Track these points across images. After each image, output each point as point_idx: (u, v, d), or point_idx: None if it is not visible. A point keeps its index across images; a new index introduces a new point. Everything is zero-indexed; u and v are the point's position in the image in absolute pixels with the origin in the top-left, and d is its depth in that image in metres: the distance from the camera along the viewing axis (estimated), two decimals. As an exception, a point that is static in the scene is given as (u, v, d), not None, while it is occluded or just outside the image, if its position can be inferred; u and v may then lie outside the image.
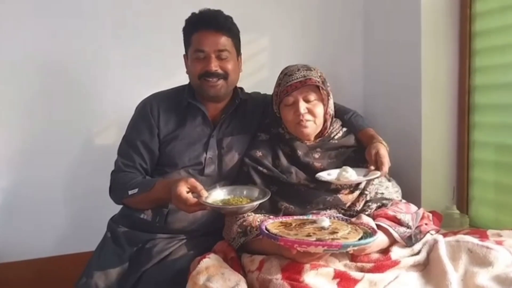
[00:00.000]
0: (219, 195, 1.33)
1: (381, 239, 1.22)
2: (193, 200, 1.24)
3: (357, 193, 1.39)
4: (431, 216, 1.44)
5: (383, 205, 1.41)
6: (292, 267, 1.14)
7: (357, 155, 1.48)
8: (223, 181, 1.50)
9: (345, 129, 1.55)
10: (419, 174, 1.93)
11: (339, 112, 1.60)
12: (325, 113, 1.46)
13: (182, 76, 1.59)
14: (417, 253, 1.24)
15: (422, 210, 1.43)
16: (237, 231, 1.33)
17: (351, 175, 1.33)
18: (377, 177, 1.37)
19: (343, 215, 1.35)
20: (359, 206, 1.39)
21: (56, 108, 1.92)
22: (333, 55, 2.28)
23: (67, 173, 1.95)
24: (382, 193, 1.44)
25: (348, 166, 1.37)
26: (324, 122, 1.48)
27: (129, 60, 1.97)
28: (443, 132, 1.95)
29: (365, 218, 1.27)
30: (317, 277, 1.11)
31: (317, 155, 1.47)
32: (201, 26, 1.47)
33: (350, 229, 1.17)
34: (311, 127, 1.44)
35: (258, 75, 2.13)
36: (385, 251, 1.24)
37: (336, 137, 1.51)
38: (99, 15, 1.93)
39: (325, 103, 1.46)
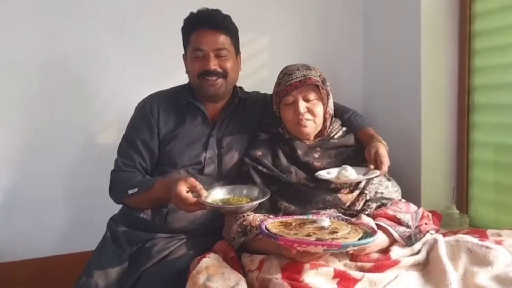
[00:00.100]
0: (219, 194, 1.33)
1: (381, 239, 1.22)
2: (192, 200, 1.24)
3: (357, 192, 1.39)
4: (430, 215, 1.44)
5: (382, 204, 1.41)
6: (292, 266, 1.13)
7: (357, 155, 1.48)
8: (222, 180, 1.50)
9: (344, 128, 1.55)
10: (418, 173, 1.93)
11: (339, 111, 1.60)
12: (324, 112, 1.46)
13: (182, 76, 1.59)
14: (417, 253, 1.24)
15: (422, 209, 1.43)
16: (237, 230, 1.33)
17: (350, 174, 1.33)
18: (376, 176, 1.37)
19: (343, 214, 1.35)
20: (358, 205, 1.39)
21: (56, 107, 1.92)
22: (333, 55, 2.28)
23: (67, 173, 1.95)
24: (382, 193, 1.44)
25: (348, 165, 1.36)
26: (323, 122, 1.48)
27: (129, 60, 1.97)
28: (442, 132, 1.95)
29: (365, 218, 1.27)
30: (317, 277, 1.11)
31: (316, 155, 1.47)
32: (199, 25, 1.47)
33: (350, 229, 1.17)
34: (311, 126, 1.44)
35: (258, 75, 2.13)
36: (385, 251, 1.24)
37: (335, 136, 1.51)
38: (99, 15, 1.93)
39: (324, 102, 1.46)
